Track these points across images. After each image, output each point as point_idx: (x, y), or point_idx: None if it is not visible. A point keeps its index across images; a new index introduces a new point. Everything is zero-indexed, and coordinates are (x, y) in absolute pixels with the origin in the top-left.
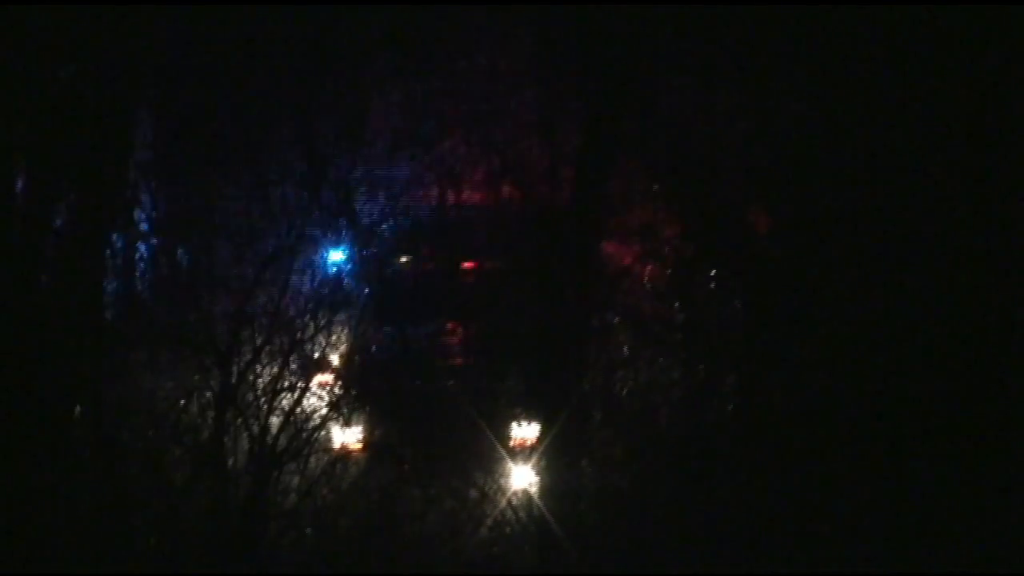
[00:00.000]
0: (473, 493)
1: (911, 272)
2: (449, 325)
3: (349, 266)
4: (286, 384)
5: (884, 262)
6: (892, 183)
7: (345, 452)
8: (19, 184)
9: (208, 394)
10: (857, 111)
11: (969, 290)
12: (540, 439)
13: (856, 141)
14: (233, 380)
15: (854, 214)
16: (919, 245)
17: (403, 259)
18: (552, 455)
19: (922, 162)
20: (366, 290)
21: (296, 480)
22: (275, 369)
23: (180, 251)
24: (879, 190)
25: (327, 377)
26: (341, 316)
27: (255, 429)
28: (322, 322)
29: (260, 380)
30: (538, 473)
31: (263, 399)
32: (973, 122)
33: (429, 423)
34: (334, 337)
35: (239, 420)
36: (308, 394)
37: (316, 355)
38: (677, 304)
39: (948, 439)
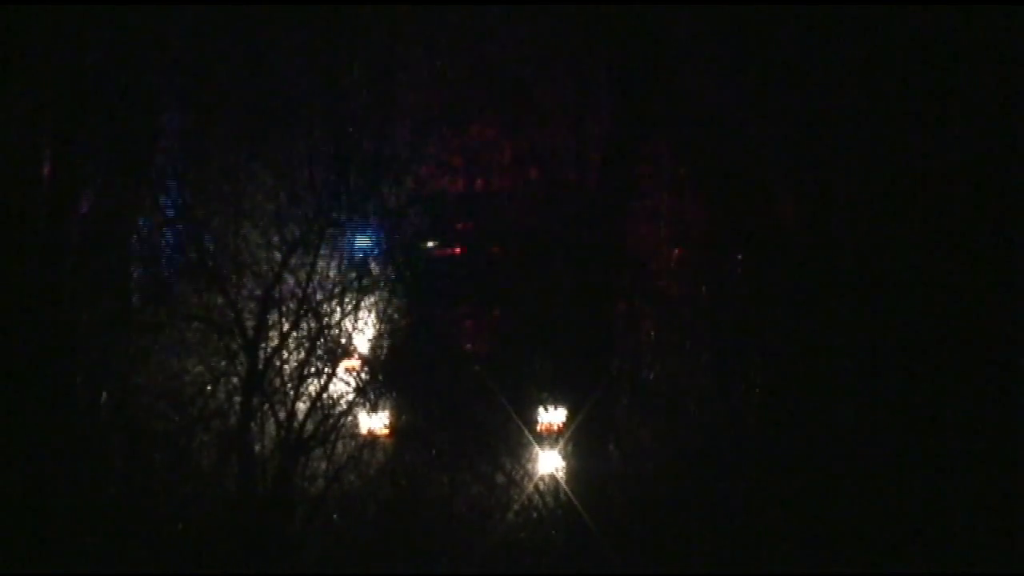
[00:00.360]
0: (500, 478)
1: (940, 255)
2: (476, 309)
3: (376, 251)
4: (313, 369)
5: (912, 247)
6: (920, 169)
7: (372, 437)
8: (46, 170)
9: (235, 379)
10: (885, 98)
11: (994, 275)
12: (567, 424)
13: (883, 127)
14: (260, 365)
15: (881, 199)
16: (947, 231)
17: (430, 244)
18: (579, 440)
19: (950, 148)
20: (393, 275)
21: (323, 465)
22: (302, 354)
23: (206, 236)
24: (907, 175)
25: (354, 362)
26: (368, 301)
27: (282, 414)
28: (349, 307)
29: (287, 365)
30: (565, 458)
31: (290, 384)
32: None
33: (456, 408)
34: (361, 322)
35: (266, 405)
36: (335, 379)
37: (343, 340)
38: (704, 288)
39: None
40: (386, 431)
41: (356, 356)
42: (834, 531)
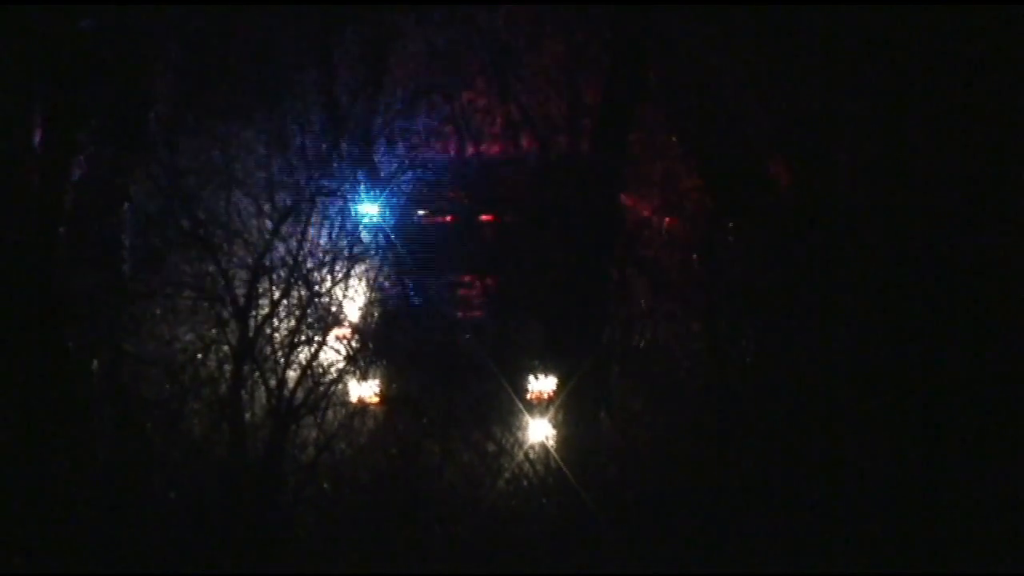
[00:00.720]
0: (491, 446)
1: (935, 224)
2: (467, 278)
3: (368, 218)
4: (304, 337)
5: (909, 213)
6: (916, 134)
7: (363, 406)
8: (37, 137)
9: (225, 347)
10: (880, 63)
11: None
12: (558, 392)
13: (878, 93)
14: (251, 333)
15: (876, 166)
16: (947, 195)
17: (422, 211)
18: (570, 408)
19: (947, 116)
20: (384, 243)
21: (314, 433)
22: (293, 322)
23: (198, 204)
24: (902, 142)
25: (345, 330)
26: (359, 269)
27: (272, 382)
28: (340, 275)
29: (278, 333)
30: (556, 426)
31: (280, 352)
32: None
33: (447, 376)
34: (352, 290)
35: (256, 373)
36: (326, 347)
37: (334, 308)
38: (696, 256)
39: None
40: (376, 399)
41: (347, 324)
42: (828, 500)
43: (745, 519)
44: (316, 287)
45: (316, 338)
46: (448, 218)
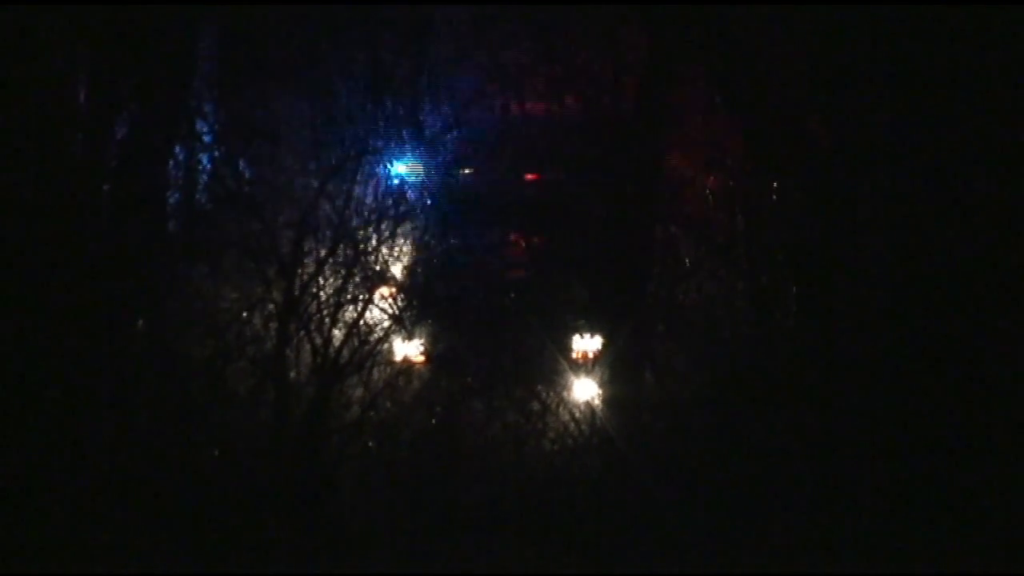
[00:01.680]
0: (536, 405)
1: (981, 177)
2: (512, 237)
3: (413, 177)
4: (349, 296)
5: (949, 171)
6: (954, 96)
7: (408, 364)
8: (81, 95)
9: (271, 306)
10: (923, 18)
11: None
12: (602, 351)
13: (917, 52)
14: (296, 292)
15: (916, 125)
16: (989, 155)
17: (467, 170)
18: (614, 367)
19: (989, 72)
20: (429, 201)
21: (358, 392)
22: (338, 281)
23: (243, 162)
24: (942, 101)
25: (390, 289)
26: (405, 228)
27: (318, 341)
28: (385, 234)
29: (323, 292)
30: (600, 385)
31: (326, 311)
32: None
33: (491, 335)
34: (397, 249)
35: (302, 332)
36: (371, 306)
37: (379, 267)
38: (739, 215)
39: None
40: (422, 358)
41: (392, 283)
42: (872, 460)
43: (789, 478)
44: (362, 246)
45: (362, 297)
46: (493, 176)
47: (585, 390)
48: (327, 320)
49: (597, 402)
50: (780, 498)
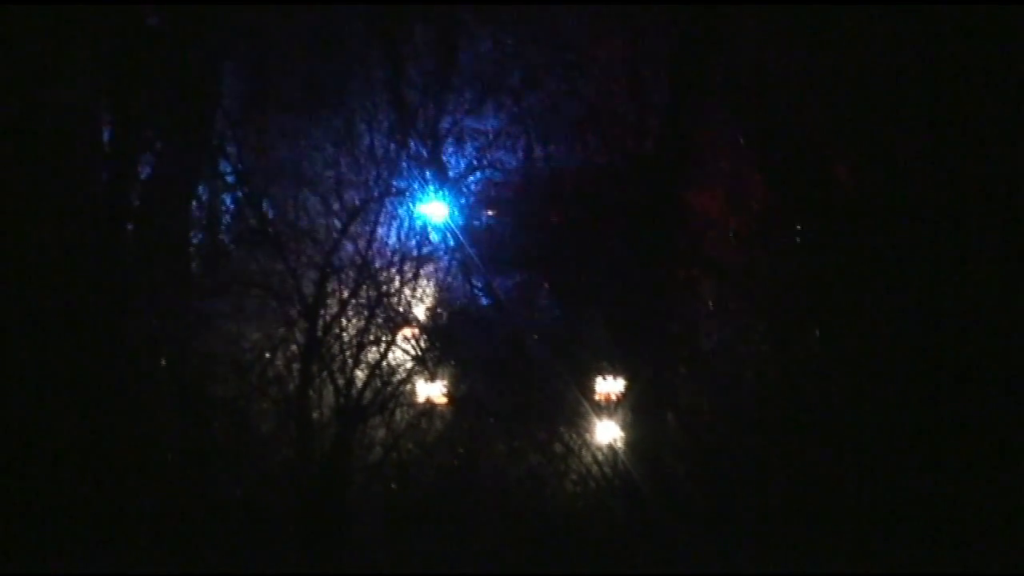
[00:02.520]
0: (558, 447)
1: (1003, 224)
2: (534, 278)
3: (436, 218)
4: (372, 337)
5: (976, 217)
6: (979, 135)
7: (430, 405)
8: (106, 135)
9: (293, 346)
10: (943, 65)
11: None
12: (625, 393)
13: (941, 95)
14: (319, 332)
15: (940, 167)
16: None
17: (490, 211)
18: (637, 409)
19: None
20: (452, 243)
21: (381, 433)
22: (361, 322)
23: (266, 202)
24: (966, 143)
25: (413, 330)
26: (427, 269)
27: (340, 382)
28: (408, 275)
29: (346, 333)
30: (623, 427)
31: (348, 352)
32: None
33: (514, 377)
34: (420, 290)
35: (324, 373)
36: (393, 347)
37: (402, 308)
38: (762, 257)
39: None
40: (444, 399)
41: (415, 324)
42: (897, 502)
43: (812, 520)
44: (384, 287)
45: (384, 338)
46: (515, 218)
47: (607, 432)
48: (350, 361)
49: (619, 444)
50: (805, 541)
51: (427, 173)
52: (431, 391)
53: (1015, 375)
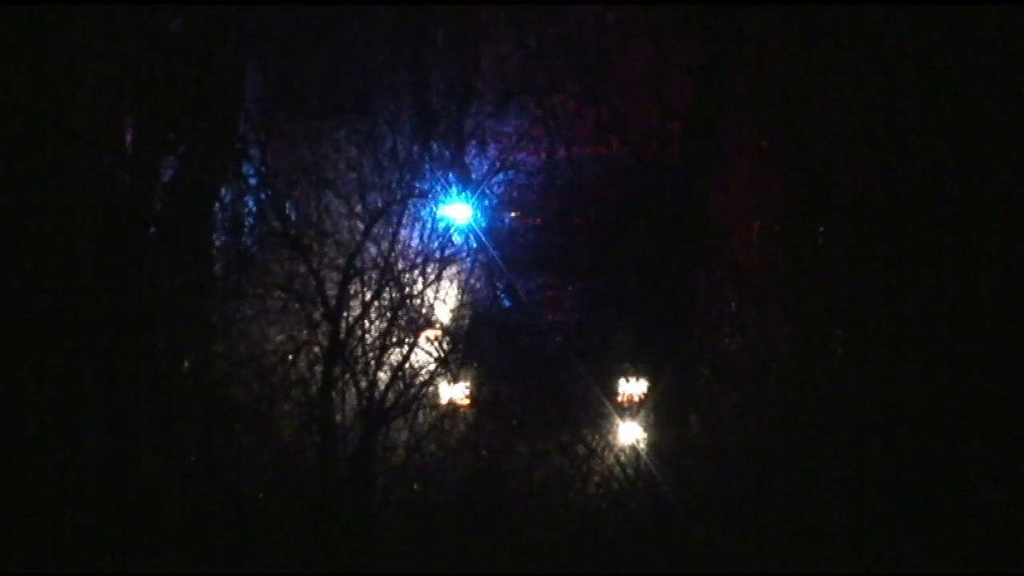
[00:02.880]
0: (581, 449)
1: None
2: (558, 280)
3: (459, 220)
4: (394, 339)
5: (997, 216)
6: (1003, 136)
7: (453, 408)
8: (129, 138)
9: (316, 348)
10: (964, 67)
11: None
12: (648, 395)
13: (964, 97)
14: (342, 335)
15: (964, 171)
16: None
17: (513, 214)
18: (660, 411)
19: None
20: (475, 245)
21: (404, 435)
22: (384, 324)
23: (288, 204)
24: (993, 146)
25: (436, 332)
26: (450, 271)
27: (363, 384)
28: (431, 277)
29: (368, 335)
30: (646, 429)
31: (371, 354)
32: None
33: (537, 379)
34: (443, 292)
35: (347, 375)
36: (416, 349)
37: (424, 310)
38: (785, 259)
39: None
40: (467, 401)
41: (437, 326)
42: (920, 503)
43: (833, 522)
44: (407, 289)
45: (407, 340)
46: (539, 220)
47: (630, 434)
48: (372, 363)
49: (642, 446)
50: (826, 544)
51: (450, 175)
52: (454, 393)
53: None
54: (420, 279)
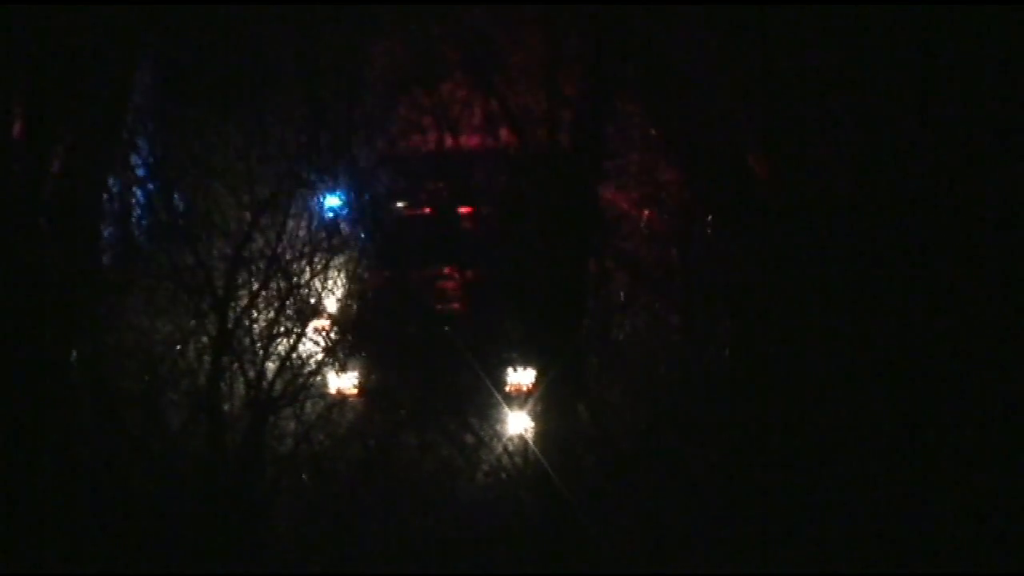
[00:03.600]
0: (469, 439)
1: (920, 216)
2: (446, 270)
3: (346, 210)
4: (282, 329)
5: (888, 208)
6: (898, 129)
7: (341, 397)
8: (16, 128)
9: (204, 339)
10: (862, 55)
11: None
12: (536, 385)
13: (860, 86)
14: (230, 325)
15: (856, 160)
16: (922, 194)
17: (400, 204)
18: (548, 401)
19: (928, 111)
20: (363, 235)
21: (292, 425)
22: (271, 314)
23: (177, 195)
24: (881, 136)
25: (323, 322)
26: (338, 261)
27: (251, 374)
28: (319, 267)
29: (256, 325)
30: (534, 419)
31: (259, 344)
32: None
33: (425, 369)
34: (331, 282)
35: (235, 365)
36: (304, 339)
37: (312, 300)
38: (674, 249)
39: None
40: (355, 391)
41: (325, 316)
42: (807, 489)
43: (721, 511)
44: (295, 279)
45: (295, 330)
46: (427, 210)
47: (519, 423)
48: (260, 353)
49: (531, 435)
50: (713, 531)
51: (338, 165)
52: (342, 383)
53: (932, 372)
54: (308, 269)
